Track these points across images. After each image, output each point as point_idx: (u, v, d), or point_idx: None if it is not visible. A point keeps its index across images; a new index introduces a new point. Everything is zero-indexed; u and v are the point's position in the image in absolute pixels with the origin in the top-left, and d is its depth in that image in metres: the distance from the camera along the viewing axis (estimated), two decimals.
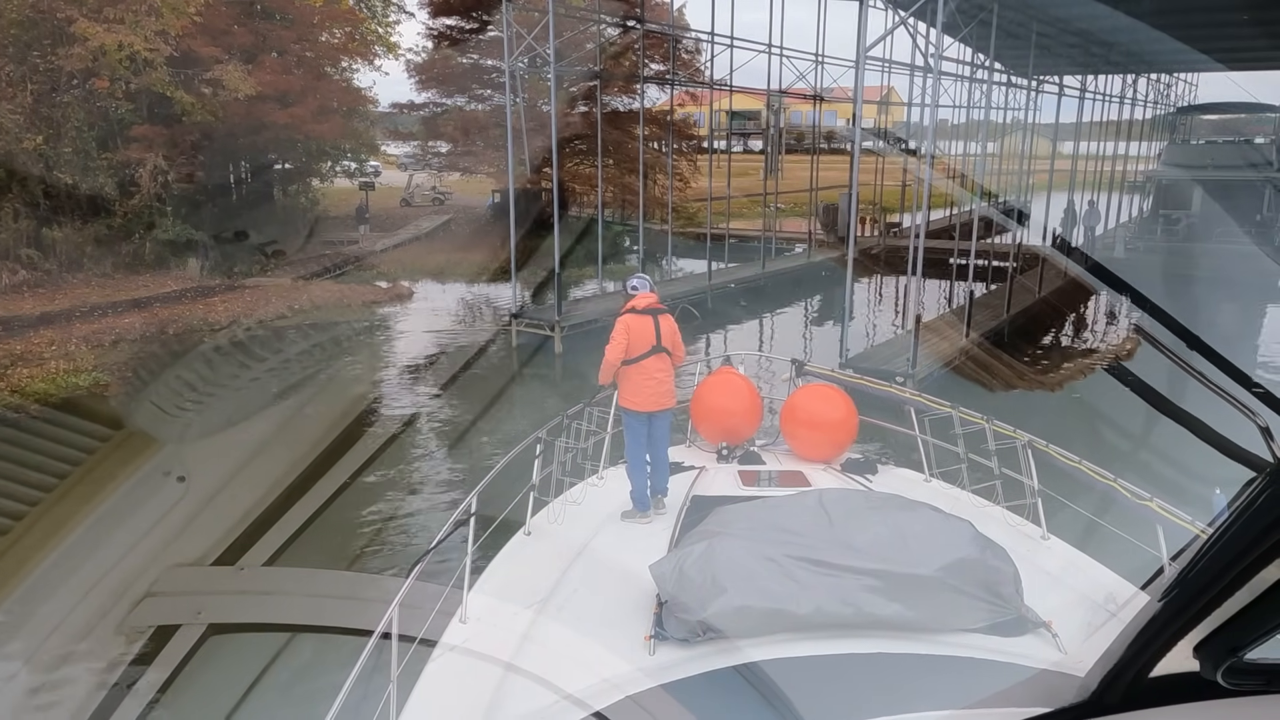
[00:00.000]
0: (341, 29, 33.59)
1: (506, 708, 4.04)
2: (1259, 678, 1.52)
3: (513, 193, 22.47)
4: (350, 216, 36.85)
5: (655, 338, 6.45)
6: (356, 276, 30.51)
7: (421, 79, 36.73)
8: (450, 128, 36.79)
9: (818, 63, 31.01)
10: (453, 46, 36.65)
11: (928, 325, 18.43)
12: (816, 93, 31.42)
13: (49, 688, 7.93)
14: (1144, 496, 5.46)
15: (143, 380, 18.65)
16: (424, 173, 42.11)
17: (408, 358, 21.54)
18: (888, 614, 4.16)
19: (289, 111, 29.12)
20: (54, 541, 7.63)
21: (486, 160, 36.16)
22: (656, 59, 33.90)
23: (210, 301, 24.66)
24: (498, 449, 14.10)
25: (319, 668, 8.43)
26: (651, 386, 6.49)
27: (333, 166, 36.79)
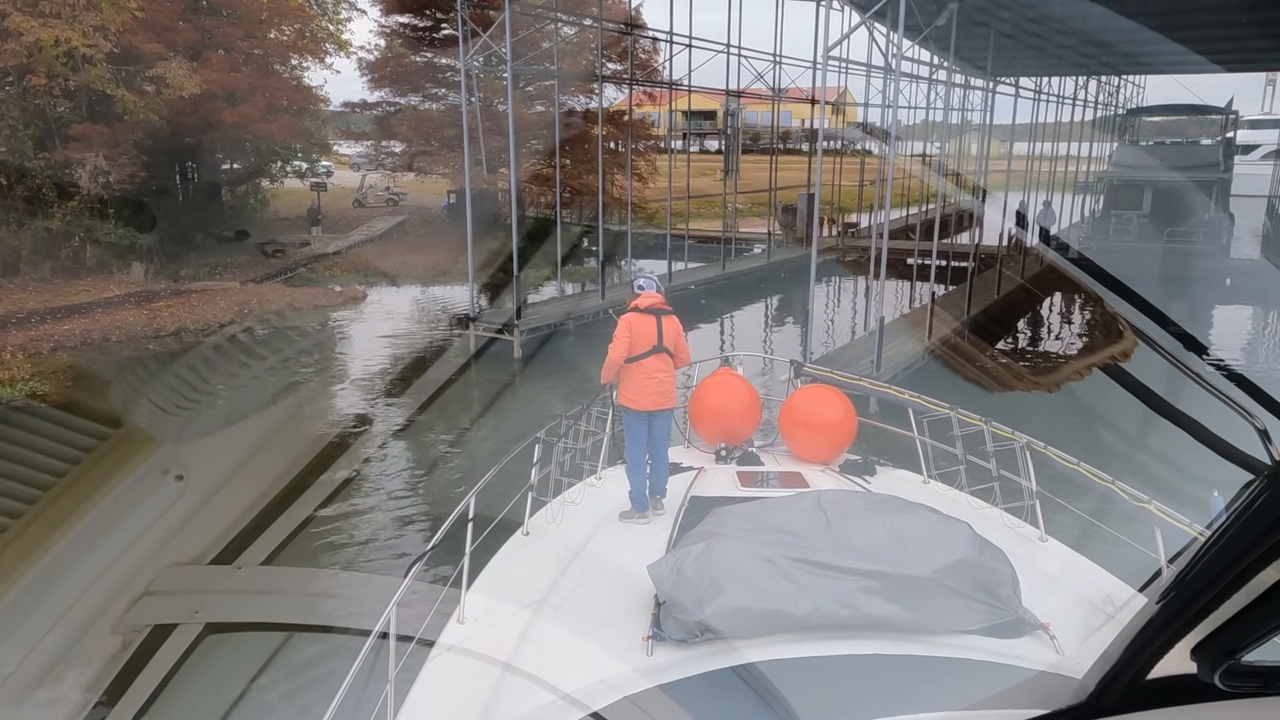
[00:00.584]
0: (291, 26, 32.79)
1: (504, 708, 4.01)
2: (1256, 680, 1.51)
3: (469, 193, 21.98)
4: (302, 218, 36.01)
5: (657, 337, 6.43)
6: (308, 279, 29.79)
7: (374, 77, 36.04)
8: (404, 127, 36.14)
9: (776, 63, 30.93)
10: (406, 44, 36.00)
11: (890, 326, 18.36)
12: (775, 93, 31.34)
13: (46, 686, 7.89)
14: (1142, 499, 5.46)
15: (88, 391, 17.95)
16: (377, 173, 41.35)
17: (361, 364, 20.96)
18: (886, 615, 4.15)
19: (236, 110, 28.33)
20: (52, 540, 7.65)
21: (441, 160, 35.58)
22: (614, 58, 33.62)
23: (155, 307, 23.85)
24: (459, 467, 13.72)
25: (316, 667, 8.36)
26: (651, 386, 6.46)
27: (283, 167, 35.96)
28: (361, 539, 11.74)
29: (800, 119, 78.01)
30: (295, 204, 37.37)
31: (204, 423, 13.96)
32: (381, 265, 32.05)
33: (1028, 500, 6.12)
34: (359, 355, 21.95)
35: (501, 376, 19.24)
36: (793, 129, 68.01)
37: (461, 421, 15.38)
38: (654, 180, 36.85)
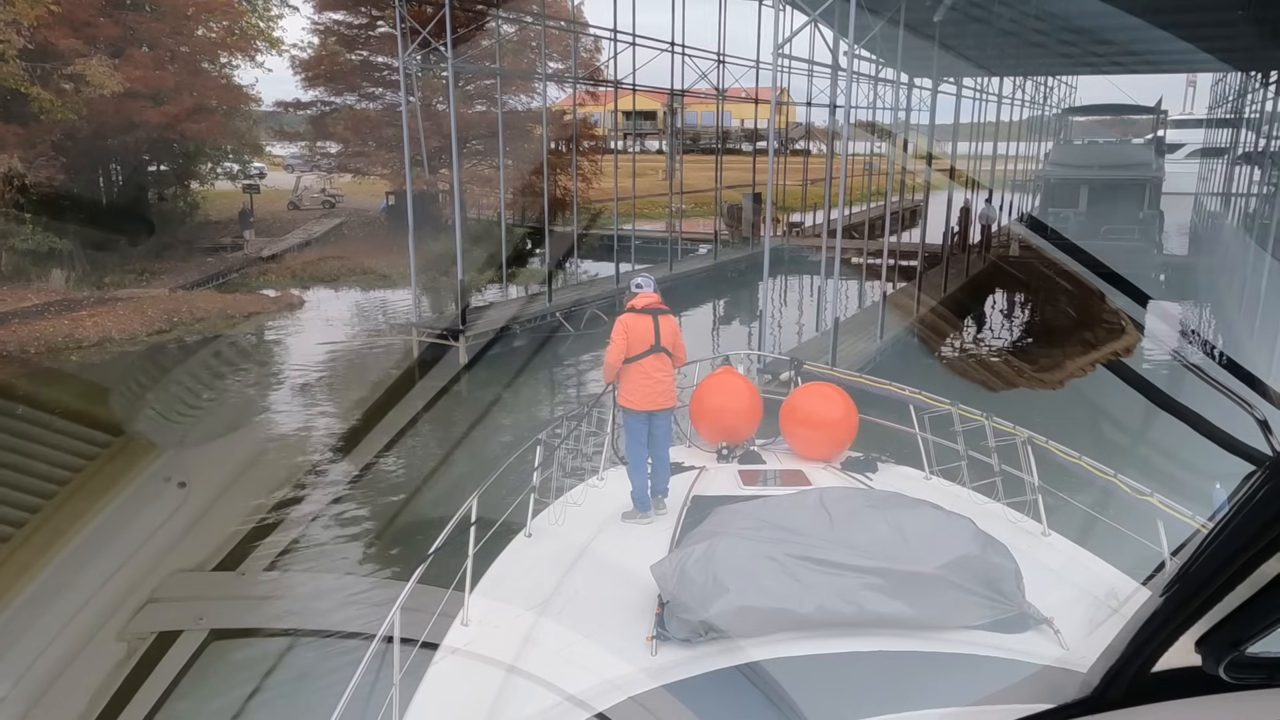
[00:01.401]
0: (219, 22, 31.63)
1: (509, 710, 4.02)
2: (1261, 672, 1.51)
3: (410, 195, 21.31)
4: (234, 221, 34.80)
5: (654, 337, 6.43)
6: (241, 285, 28.72)
7: (308, 76, 34.96)
8: (340, 127, 35.13)
9: (719, 62, 30.75)
10: (341, 42, 35.03)
11: (843, 325, 18.17)
12: (719, 92, 31.16)
13: (51, 695, 7.44)
14: (1144, 492, 5.47)
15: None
16: (313, 174, 40.21)
17: (299, 372, 20.14)
18: (889, 612, 4.15)
19: (162, 110, 27.20)
20: (55, 549, 7.78)
21: (379, 161, 34.68)
22: (556, 57, 33.14)
23: (77, 316, 22.67)
24: (404, 481, 13.11)
25: (321, 672, 8.40)
26: (650, 386, 6.46)
27: (213, 168, 34.76)
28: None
29: (740, 119, 78.42)
30: (227, 207, 36.13)
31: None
32: (319, 269, 31.10)
33: (1030, 495, 6.12)
34: (296, 365, 21.08)
35: (447, 384, 18.64)
36: (733, 129, 68.24)
37: (406, 435, 14.76)
38: (598, 181, 36.43)
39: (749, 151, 50.38)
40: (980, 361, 21.87)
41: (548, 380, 19.81)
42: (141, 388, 10.15)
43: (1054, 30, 27.79)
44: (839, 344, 16.93)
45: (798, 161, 39.45)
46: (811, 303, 30.55)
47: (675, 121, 36.84)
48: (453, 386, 18.52)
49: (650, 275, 6.88)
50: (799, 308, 29.26)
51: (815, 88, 36.27)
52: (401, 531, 11.74)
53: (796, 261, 32.67)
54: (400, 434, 14.38)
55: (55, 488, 7.89)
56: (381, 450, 13.89)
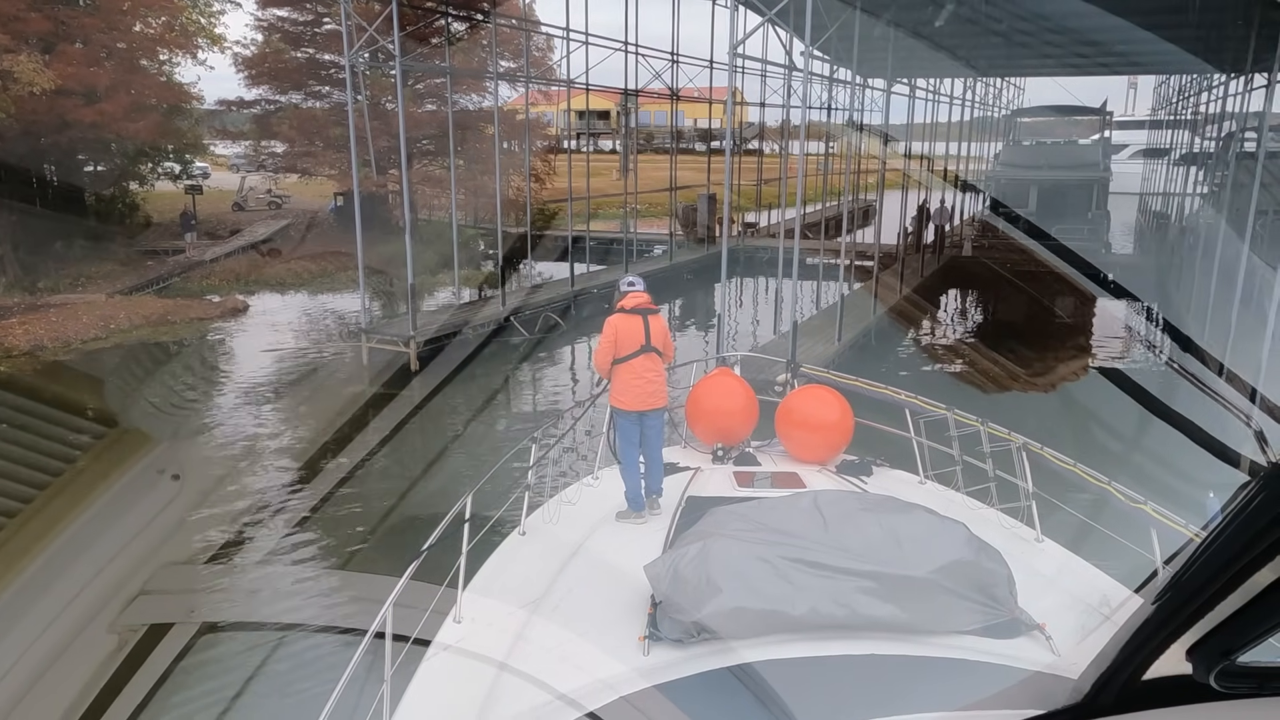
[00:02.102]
0: (157, 18, 30.57)
1: (500, 708, 4.01)
2: (1251, 681, 1.52)
3: (358, 195, 20.71)
4: (175, 223, 33.74)
5: (644, 337, 6.43)
6: (183, 289, 27.78)
7: (252, 74, 34.02)
8: (286, 127, 34.23)
9: (673, 62, 30.51)
10: (286, 39, 34.16)
11: (800, 328, 18.01)
12: (673, 93, 30.93)
13: (40, 687, 7.21)
14: (1138, 499, 5.50)
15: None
16: (258, 175, 39.20)
17: (244, 380, 19.44)
18: (882, 616, 4.15)
19: (97, 108, 26.19)
20: (46, 540, 7.75)
21: (327, 161, 33.86)
22: (507, 56, 32.66)
23: (7, 324, 21.70)
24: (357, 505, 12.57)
25: (312, 667, 8.33)
26: (640, 386, 6.45)
27: (154, 169, 33.65)
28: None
29: (693, 119, 78.47)
30: (169, 208, 35.03)
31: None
32: (264, 273, 30.23)
33: (1024, 501, 6.13)
34: (240, 373, 20.36)
35: (398, 391, 18.09)
36: (686, 129, 68.18)
37: (356, 446, 14.24)
38: (551, 181, 35.99)
39: (702, 151, 50.27)
40: (949, 352, 21.92)
41: (502, 386, 19.35)
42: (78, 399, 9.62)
43: (1003, 32, 28.00)
44: (797, 347, 16.74)
45: (752, 161, 39.33)
46: (767, 304, 30.48)
47: (629, 121, 36.53)
48: (403, 393, 17.99)
49: (639, 277, 6.80)
50: (754, 309, 29.12)
51: (769, 88, 36.35)
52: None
53: (752, 262, 32.57)
54: (347, 445, 13.91)
55: (48, 478, 7.31)
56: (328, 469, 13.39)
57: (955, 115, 41.56)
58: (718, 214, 35.88)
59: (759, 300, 31.10)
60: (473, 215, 37.02)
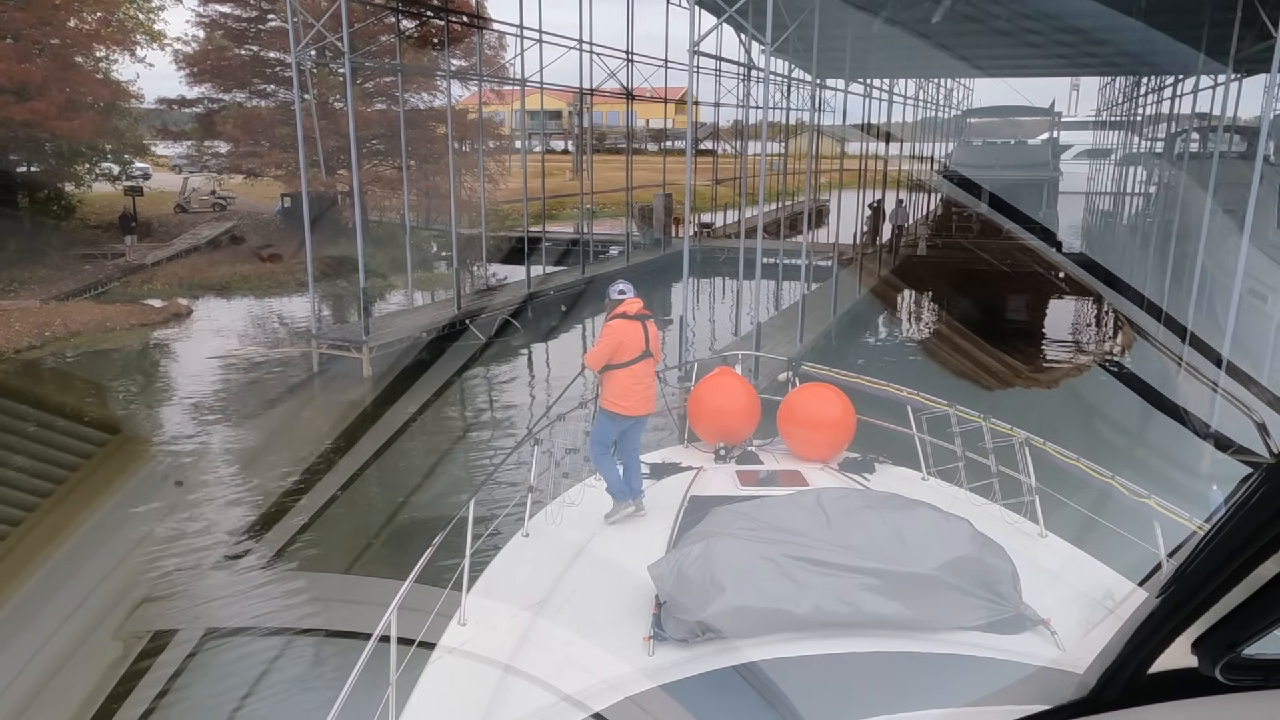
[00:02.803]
0: (92, 13, 29.50)
1: (506, 710, 4.02)
2: (1257, 673, 1.51)
3: (305, 197, 20.07)
4: (113, 225, 32.61)
5: (644, 343, 6.45)
6: (123, 294, 26.79)
7: (193, 72, 32.99)
8: (230, 126, 33.24)
9: (628, 61, 30.22)
10: (229, 36, 33.19)
11: (761, 330, 17.82)
12: (628, 92, 30.65)
13: (47, 693, 7.73)
14: (1141, 493, 5.49)
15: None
16: (201, 176, 38.07)
17: (187, 390, 18.69)
18: (886, 613, 4.16)
19: (29, 106, 25.19)
20: (51, 547, 6.86)
21: (273, 161, 32.97)
22: (459, 54, 32.09)
23: None
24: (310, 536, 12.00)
25: (317, 671, 8.38)
26: (640, 391, 6.48)
27: (91, 169, 32.48)
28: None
29: (646, 119, 78.34)
30: (108, 210, 33.88)
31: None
32: (209, 276, 29.30)
33: (1027, 496, 6.16)
34: (183, 382, 19.59)
35: (350, 399, 17.50)
36: (639, 129, 67.98)
37: (306, 459, 13.67)
38: (505, 181, 35.49)
39: (656, 151, 49.94)
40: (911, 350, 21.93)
41: (458, 392, 18.88)
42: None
43: (955, 33, 28.20)
44: (758, 349, 16.54)
45: (706, 161, 39.21)
46: (725, 305, 30.34)
47: (583, 121, 36.18)
48: (355, 401, 17.41)
49: (629, 281, 6.78)
50: (711, 310, 28.93)
51: (723, 87, 36.24)
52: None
53: (709, 263, 32.42)
54: (296, 459, 13.34)
55: (52, 485, 7.33)
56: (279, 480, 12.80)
57: (910, 115, 41.91)
58: (675, 214, 35.69)
59: (717, 301, 30.95)
60: (425, 216, 36.39)
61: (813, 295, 23.43)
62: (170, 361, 21.53)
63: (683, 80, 36.42)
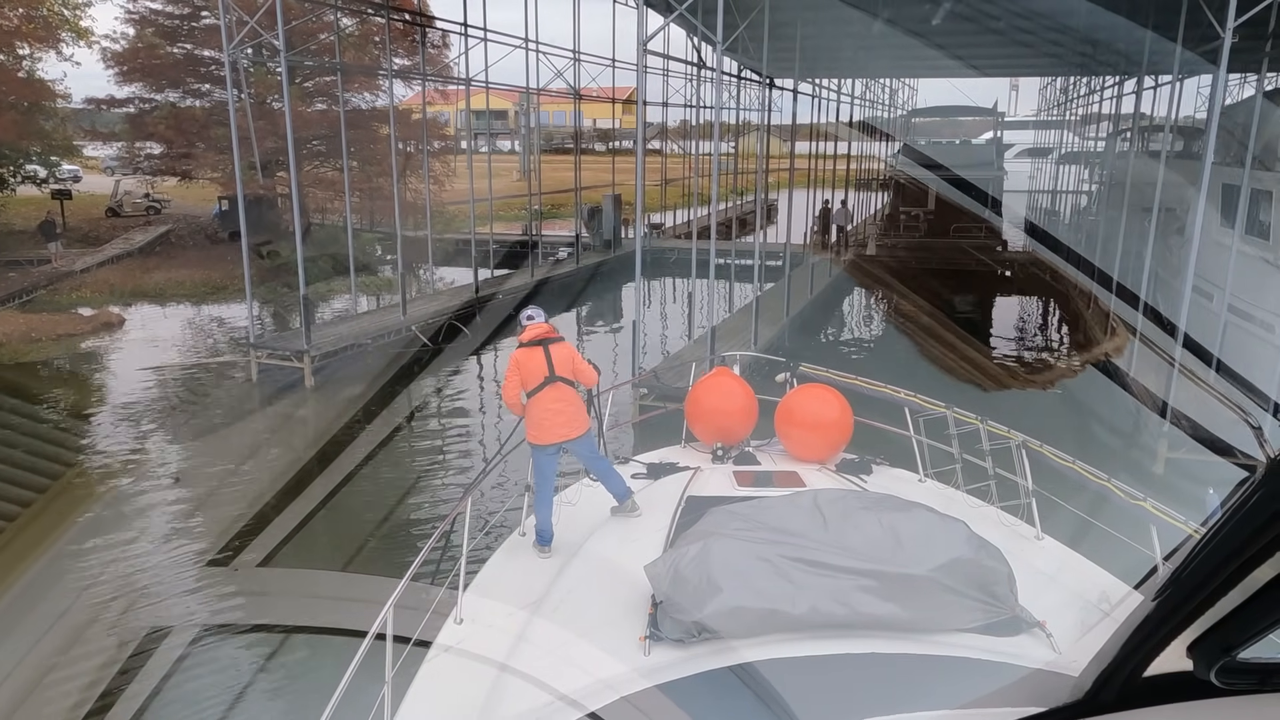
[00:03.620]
0: (14, 9, 28.22)
1: (501, 709, 4.02)
2: (1252, 677, 1.51)
3: (241, 200, 19.33)
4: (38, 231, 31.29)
5: (547, 369, 6.24)
6: (50, 303, 25.64)
7: (123, 70, 31.76)
8: (162, 127, 32.10)
9: (575, 60, 29.83)
10: (160, 33, 32.04)
11: (715, 331, 17.58)
12: (575, 92, 30.25)
13: (43, 690, 7.91)
14: (1138, 496, 5.51)
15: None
16: (134, 178, 36.74)
17: (119, 403, 17.83)
18: (882, 614, 4.16)
19: None
20: (47, 543, 8.27)
21: (209, 163, 31.93)
22: (402, 53, 31.40)
23: None
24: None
25: (313, 669, 8.36)
26: (548, 419, 6.25)
27: (15, 171, 31.10)
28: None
29: (593, 119, 77.92)
30: (36, 215, 32.47)
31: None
32: (143, 283, 28.24)
33: (1024, 498, 6.18)
34: (115, 395, 18.70)
35: (292, 411, 16.84)
36: (586, 129, 67.57)
37: (242, 477, 13.03)
38: (451, 182, 34.84)
39: (602, 152, 49.57)
40: (863, 351, 21.85)
41: (404, 402, 18.30)
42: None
43: (900, 35, 28.33)
44: (712, 351, 16.30)
45: (655, 161, 38.96)
46: (676, 307, 30.09)
47: (530, 121, 35.68)
48: (298, 412, 16.75)
49: (539, 308, 6.53)
50: (662, 313, 28.64)
51: (671, 87, 36.04)
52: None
53: (659, 263, 32.17)
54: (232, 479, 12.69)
55: (48, 482, 7.77)
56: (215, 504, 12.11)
57: (858, 115, 42.12)
58: (625, 215, 35.38)
59: (668, 303, 30.69)
60: (369, 219, 35.60)
61: (765, 295, 23.31)
62: (100, 374, 20.57)
63: (630, 80, 36.17)
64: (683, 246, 33.20)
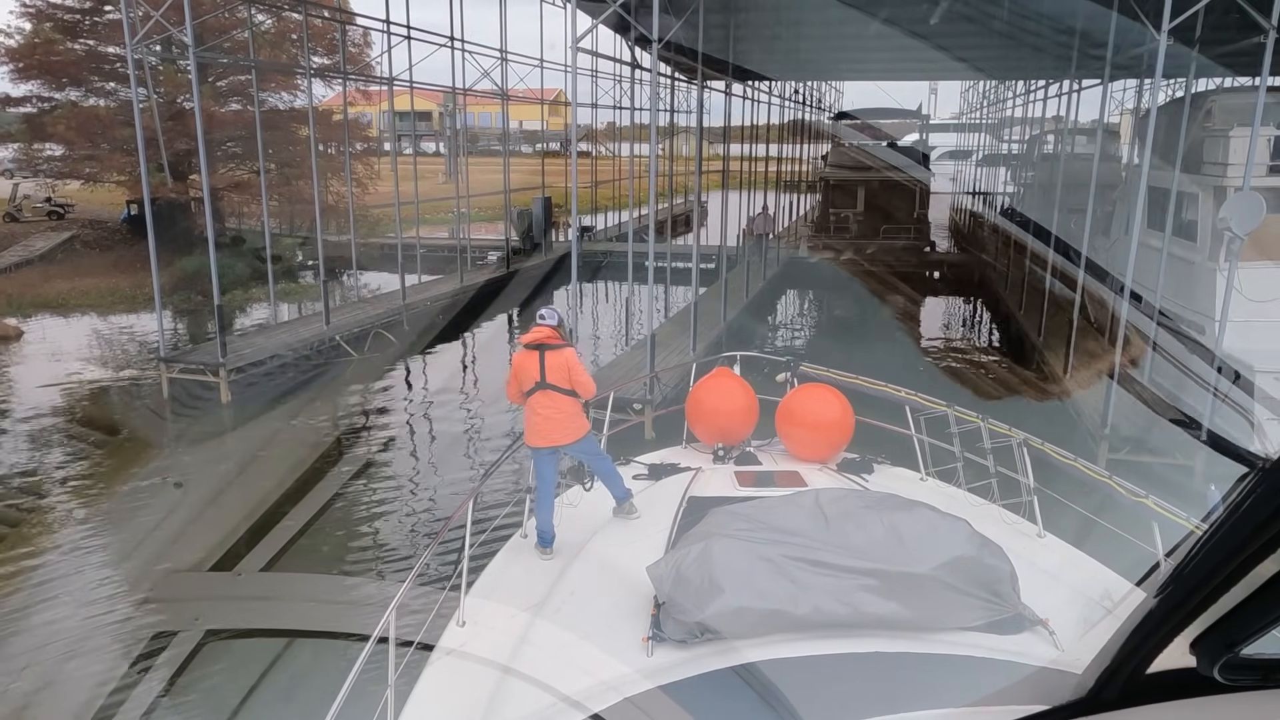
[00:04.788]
0: None
1: (504, 711, 4.02)
2: (1255, 673, 1.50)
3: (149, 204, 18.21)
4: None
5: (540, 374, 6.22)
6: None
7: (19, 67, 29.96)
8: (63, 127, 30.35)
9: (502, 60, 29.13)
10: (60, 28, 30.30)
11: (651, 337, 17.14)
12: (502, 91, 29.54)
13: (48, 693, 7.80)
14: (1139, 493, 5.50)
15: None
16: (33, 181, 34.71)
17: (9, 424, 16.52)
18: (885, 613, 4.17)
19: None
20: (51, 547, 8.47)
21: (114, 165, 30.32)
22: (321, 51, 30.29)
23: None
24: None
25: (316, 673, 8.27)
26: (538, 424, 6.26)
27: None
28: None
29: (520, 120, 76.93)
30: None
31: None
32: (44, 292, 26.61)
33: (1025, 496, 6.19)
34: (9, 414, 17.38)
35: (207, 429, 15.81)
36: (514, 131, 66.64)
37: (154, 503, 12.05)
38: (374, 185, 33.76)
39: (530, 153, 48.77)
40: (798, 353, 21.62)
41: (329, 417, 17.42)
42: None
43: (828, 37, 28.41)
44: (652, 360, 15.86)
45: (585, 163, 38.37)
46: (610, 310, 29.61)
47: (456, 122, 34.81)
48: (213, 431, 15.73)
49: (554, 308, 6.52)
50: (595, 319, 28.11)
51: (600, 89, 35.54)
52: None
53: (589, 267, 31.66)
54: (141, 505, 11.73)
55: (51, 486, 10.67)
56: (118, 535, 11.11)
57: (788, 117, 42.23)
58: (554, 218, 34.75)
59: (601, 308, 30.19)
60: (290, 223, 34.33)
61: (702, 299, 23.00)
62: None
63: (558, 81, 35.60)
64: (616, 249, 32.76)
